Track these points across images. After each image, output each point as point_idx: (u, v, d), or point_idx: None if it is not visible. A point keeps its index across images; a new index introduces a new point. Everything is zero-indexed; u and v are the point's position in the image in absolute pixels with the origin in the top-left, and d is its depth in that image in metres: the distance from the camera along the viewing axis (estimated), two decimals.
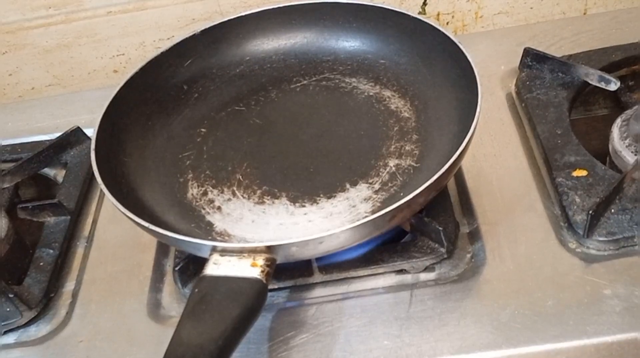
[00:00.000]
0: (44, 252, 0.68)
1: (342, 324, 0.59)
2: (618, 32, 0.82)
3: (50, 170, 0.79)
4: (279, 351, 0.58)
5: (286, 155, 0.69)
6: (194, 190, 0.67)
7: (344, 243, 0.55)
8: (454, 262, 0.62)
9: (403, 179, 0.64)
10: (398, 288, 0.61)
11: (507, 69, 0.80)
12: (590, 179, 0.64)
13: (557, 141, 0.68)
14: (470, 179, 0.68)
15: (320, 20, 0.78)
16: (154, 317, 0.63)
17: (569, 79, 0.74)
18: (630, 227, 0.60)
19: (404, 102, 0.71)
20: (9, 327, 0.63)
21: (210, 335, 0.50)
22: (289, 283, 0.62)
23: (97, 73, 0.93)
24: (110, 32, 0.89)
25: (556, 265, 0.60)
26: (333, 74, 0.76)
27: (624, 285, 0.57)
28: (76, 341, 0.62)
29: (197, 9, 0.88)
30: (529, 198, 0.65)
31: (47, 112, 0.89)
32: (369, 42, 0.77)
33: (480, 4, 0.88)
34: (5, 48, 0.90)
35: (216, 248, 0.55)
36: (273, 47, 0.79)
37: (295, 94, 0.75)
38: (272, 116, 0.73)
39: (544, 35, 0.84)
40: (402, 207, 0.54)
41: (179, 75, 0.75)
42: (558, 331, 0.55)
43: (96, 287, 0.66)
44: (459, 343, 0.56)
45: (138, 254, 0.68)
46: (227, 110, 0.74)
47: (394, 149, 0.67)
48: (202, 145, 0.71)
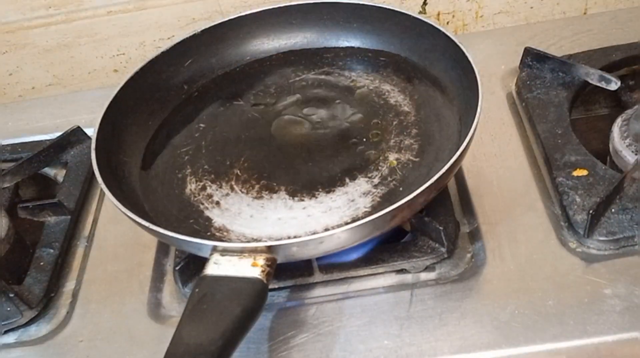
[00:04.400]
0: (44, 251, 0.68)
1: (342, 324, 0.59)
2: (618, 32, 0.82)
3: (50, 170, 0.79)
4: (279, 351, 0.58)
5: (285, 150, 0.69)
6: (192, 186, 0.67)
7: (344, 243, 0.55)
8: (455, 262, 0.62)
9: (402, 173, 0.64)
10: (398, 287, 0.61)
11: (508, 69, 0.80)
12: (590, 178, 0.64)
13: (558, 141, 0.68)
14: (471, 179, 0.68)
15: (320, 20, 0.78)
16: (155, 317, 0.63)
17: (569, 78, 0.74)
18: (631, 227, 0.60)
19: (403, 96, 0.72)
20: (10, 327, 0.63)
21: (211, 335, 0.50)
22: (289, 282, 0.62)
23: (98, 73, 0.93)
24: (110, 32, 0.89)
25: (556, 264, 0.60)
26: (332, 68, 0.76)
27: (624, 285, 0.57)
28: (76, 341, 0.62)
29: (197, 8, 0.88)
30: (529, 198, 0.65)
31: (47, 112, 0.89)
32: (369, 41, 0.77)
33: (481, 4, 0.88)
34: (6, 48, 0.90)
35: (217, 248, 0.55)
36: (273, 47, 0.79)
37: (294, 89, 0.75)
38: (270, 111, 0.73)
39: (545, 34, 0.84)
40: (402, 206, 0.54)
41: (179, 74, 0.76)
42: (558, 331, 0.55)
43: (96, 287, 0.66)
44: (459, 343, 0.56)
45: (138, 254, 0.68)
46: (226, 105, 0.75)
47: (394, 143, 0.67)
48: (200, 140, 0.71)
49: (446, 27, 0.88)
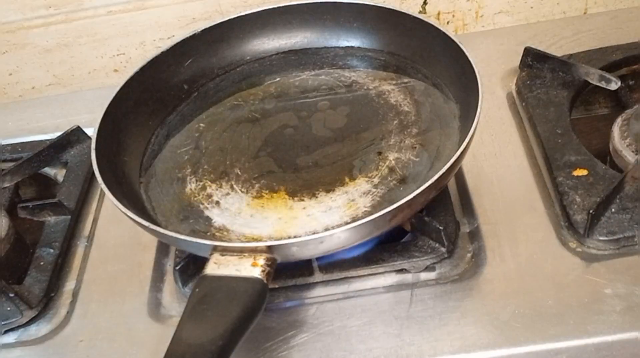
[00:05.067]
0: (44, 251, 0.68)
1: (342, 323, 0.59)
2: (618, 32, 0.82)
3: (50, 170, 0.79)
4: (279, 350, 0.58)
5: (284, 149, 0.69)
6: (192, 185, 0.67)
7: (344, 243, 0.55)
8: (455, 262, 0.62)
9: (402, 173, 0.64)
10: (398, 287, 0.61)
11: (508, 68, 0.80)
12: (590, 178, 0.64)
13: (558, 140, 0.68)
14: (471, 179, 0.68)
15: (320, 20, 0.78)
16: (155, 317, 0.63)
17: (569, 78, 0.74)
18: (631, 227, 0.60)
19: (403, 96, 0.72)
20: (10, 326, 0.63)
21: (211, 334, 0.50)
22: (289, 282, 0.62)
23: (98, 72, 0.93)
24: (110, 32, 0.89)
25: (557, 264, 0.60)
26: (332, 68, 0.77)
27: (624, 285, 0.57)
28: (76, 340, 0.62)
29: (197, 8, 0.88)
30: (530, 198, 0.65)
31: (47, 112, 0.89)
32: (370, 41, 0.77)
33: (481, 3, 0.88)
34: (6, 48, 0.90)
35: (217, 247, 0.55)
36: (273, 47, 0.79)
37: (294, 88, 0.75)
38: (270, 110, 0.73)
39: (545, 34, 0.84)
40: (402, 206, 0.54)
41: (179, 74, 0.76)
42: (558, 330, 0.55)
43: (96, 287, 0.66)
44: (459, 343, 0.56)
45: (138, 254, 0.68)
46: (226, 105, 0.75)
47: (394, 143, 0.67)
48: (200, 140, 0.71)
49: (446, 27, 0.88)
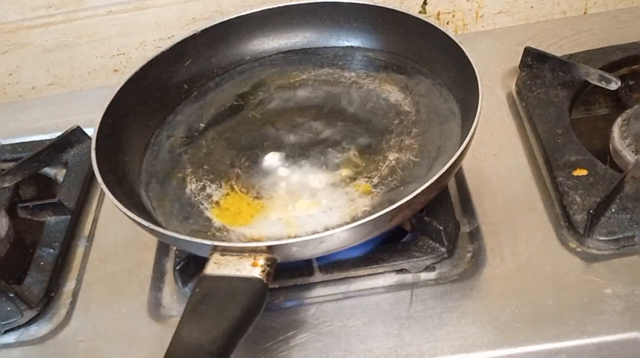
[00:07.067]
0: (44, 251, 0.68)
1: (342, 323, 0.59)
2: (618, 32, 0.82)
3: (50, 170, 0.79)
4: (279, 350, 0.58)
5: (285, 150, 0.68)
6: (192, 185, 0.67)
7: (344, 243, 0.55)
8: (455, 262, 0.62)
9: (402, 173, 0.64)
10: (398, 287, 0.61)
11: (508, 68, 0.80)
12: (590, 178, 0.64)
13: (558, 140, 0.68)
14: (471, 179, 0.68)
15: (320, 20, 0.78)
16: (155, 317, 0.63)
17: (569, 78, 0.74)
18: (631, 226, 0.60)
19: (404, 96, 0.72)
20: (10, 326, 0.63)
21: (211, 334, 0.50)
22: (289, 282, 0.62)
23: (98, 72, 0.93)
24: (110, 32, 0.89)
25: (556, 264, 0.60)
26: (333, 68, 0.76)
27: (624, 285, 0.57)
28: (76, 340, 0.62)
29: (197, 8, 0.88)
30: (530, 198, 0.65)
31: (47, 112, 0.89)
32: (370, 41, 0.77)
33: (481, 3, 0.88)
34: (6, 47, 0.90)
35: (217, 247, 0.55)
36: (273, 47, 0.79)
37: (294, 89, 0.75)
38: (271, 111, 0.73)
39: (545, 34, 0.84)
40: (402, 206, 0.54)
41: (180, 74, 0.76)
42: (558, 330, 0.55)
43: (96, 287, 0.66)
44: (459, 343, 0.56)
45: (138, 254, 0.68)
46: (226, 105, 0.75)
47: (394, 143, 0.67)
48: (200, 140, 0.71)
49: (446, 27, 0.88)
